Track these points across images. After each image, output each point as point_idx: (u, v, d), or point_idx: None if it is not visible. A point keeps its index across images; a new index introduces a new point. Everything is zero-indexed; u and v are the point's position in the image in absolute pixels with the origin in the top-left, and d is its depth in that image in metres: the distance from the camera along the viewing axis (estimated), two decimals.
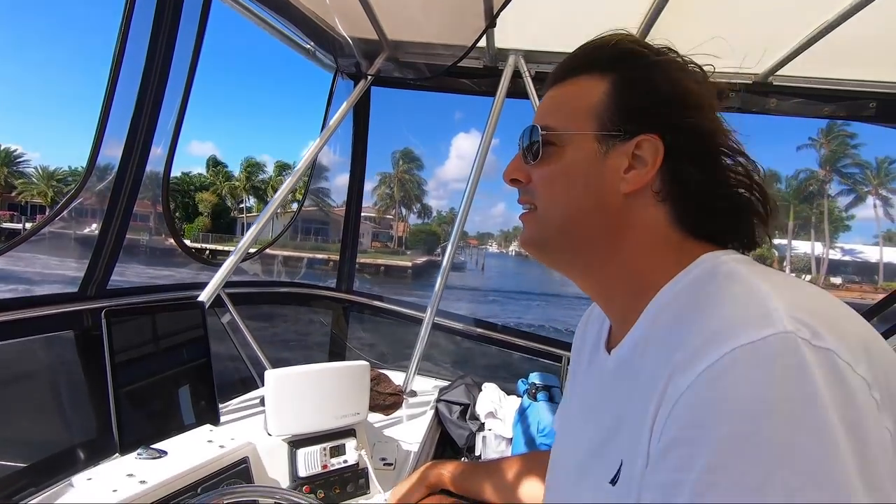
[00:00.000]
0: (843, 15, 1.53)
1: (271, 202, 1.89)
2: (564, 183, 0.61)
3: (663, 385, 0.45)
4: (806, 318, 0.42)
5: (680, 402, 0.43)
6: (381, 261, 47.53)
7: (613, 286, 0.62)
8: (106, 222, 1.42)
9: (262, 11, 1.71)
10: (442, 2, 1.87)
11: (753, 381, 0.39)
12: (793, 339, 0.40)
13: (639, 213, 0.59)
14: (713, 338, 0.43)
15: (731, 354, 0.41)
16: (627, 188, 0.58)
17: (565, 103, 0.63)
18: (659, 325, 0.53)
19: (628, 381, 0.56)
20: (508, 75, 2.04)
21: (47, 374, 1.43)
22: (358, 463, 1.36)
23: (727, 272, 0.51)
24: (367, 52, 2.10)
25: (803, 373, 0.39)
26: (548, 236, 0.64)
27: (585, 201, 0.60)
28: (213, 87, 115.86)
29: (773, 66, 1.88)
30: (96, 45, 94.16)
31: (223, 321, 1.85)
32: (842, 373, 0.40)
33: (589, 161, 0.60)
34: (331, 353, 2.53)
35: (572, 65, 0.63)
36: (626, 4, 1.69)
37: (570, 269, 0.66)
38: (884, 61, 1.82)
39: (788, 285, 0.49)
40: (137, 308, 1.31)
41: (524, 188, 0.66)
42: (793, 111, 1.93)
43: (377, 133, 2.47)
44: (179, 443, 1.23)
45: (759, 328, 0.41)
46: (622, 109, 0.58)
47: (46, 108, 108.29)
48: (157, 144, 1.44)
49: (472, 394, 2.03)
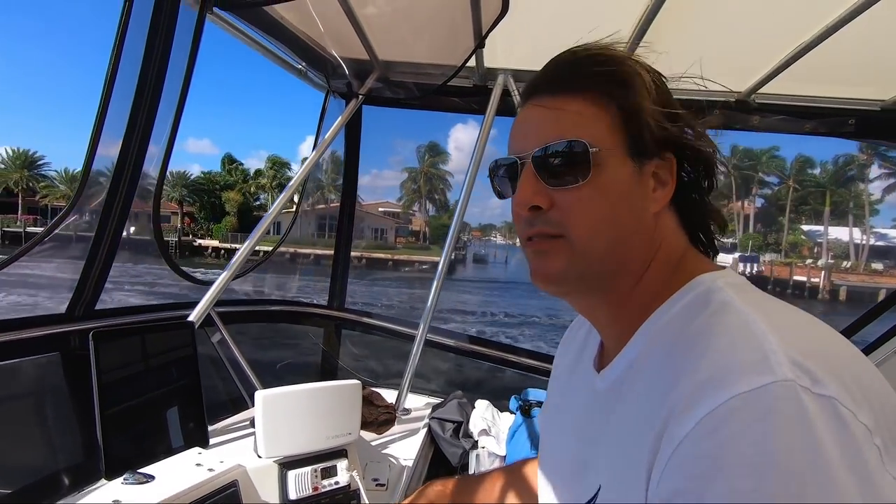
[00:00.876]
0: (819, 36, 1.58)
1: (263, 220, 1.89)
2: (609, 206, 0.55)
3: (660, 426, 0.44)
4: (805, 363, 0.40)
5: (680, 449, 0.41)
6: (416, 257, 46.37)
7: (626, 310, 0.58)
8: (95, 243, 1.41)
9: (253, 32, 1.73)
10: (432, 23, 1.90)
11: (754, 433, 0.38)
12: (793, 388, 0.38)
13: (662, 230, 0.58)
14: (710, 382, 0.41)
15: (729, 403, 0.39)
16: (657, 207, 0.57)
17: (588, 116, 0.56)
18: (652, 353, 0.52)
19: (617, 407, 0.55)
20: (498, 94, 2.08)
21: (33, 397, 1.41)
22: (350, 484, 1.34)
23: (721, 302, 0.49)
24: (359, 72, 2.13)
25: (806, 424, 0.37)
26: (585, 268, 0.56)
27: (630, 224, 0.56)
28: (208, 82, 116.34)
29: (754, 84, 1.93)
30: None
31: (214, 340, 1.84)
32: (845, 421, 0.38)
33: (629, 181, 0.56)
34: (322, 371, 2.51)
35: (576, 77, 0.58)
36: (612, 25, 1.71)
37: (590, 299, 0.62)
38: (860, 80, 1.88)
39: (783, 319, 0.47)
40: (125, 329, 1.29)
41: (543, 216, 0.57)
42: (775, 128, 1.98)
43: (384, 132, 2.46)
44: (167, 466, 1.20)
45: (757, 375, 0.40)
46: (643, 128, 0.56)
47: (48, 110, 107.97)
48: (148, 165, 1.43)
49: (466, 411, 2.01)
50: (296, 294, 18.36)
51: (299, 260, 42.46)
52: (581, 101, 0.56)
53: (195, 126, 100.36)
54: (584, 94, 0.56)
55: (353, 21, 1.77)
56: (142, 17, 1.34)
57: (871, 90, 1.94)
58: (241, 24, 1.66)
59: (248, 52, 1.86)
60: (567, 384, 0.73)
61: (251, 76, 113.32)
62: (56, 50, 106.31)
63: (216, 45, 30.30)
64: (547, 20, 1.78)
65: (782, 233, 48.43)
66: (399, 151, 77.93)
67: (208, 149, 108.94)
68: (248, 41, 1.74)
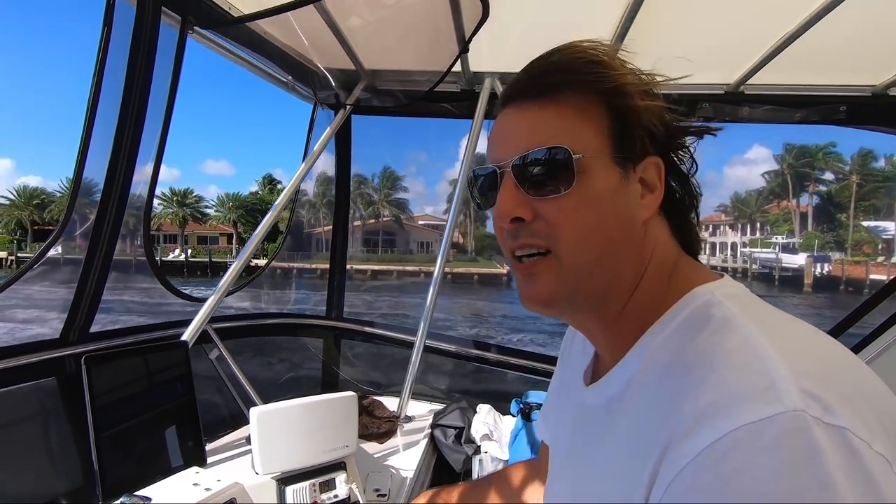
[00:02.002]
0: (806, 23, 1.57)
1: (254, 236, 1.90)
2: (595, 215, 0.52)
3: (658, 453, 0.42)
4: (815, 390, 0.37)
5: (679, 480, 0.39)
6: (474, 269, 44.07)
7: (621, 321, 0.55)
8: (86, 267, 1.41)
9: (236, 48, 1.73)
10: (416, 30, 1.90)
11: (761, 469, 0.35)
12: (802, 419, 0.35)
13: (654, 238, 0.55)
14: (713, 410, 0.39)
15: (733, 434, 0.36)
16: (646, 213, 0.54)
17: (569, 123, 0.53)
18: (650, 371, 0.49)
19: (610, 427, 0.53)
20: (485, 98, 2.07)
21: (30, 423, 1.41)
22: (349, 497, 1.34)
23: (722, 319, 0.46)
24: (345, 83, 2.13)
25: (816, 459, 0.34)
26: (576, 284, 0.53)
27: (618, 234, 0.53)
28: (225, 103, 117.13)
29: (743, 75, 1.92)
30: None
31: (211, 357, 1.84)
32: (859, 454, 0.35)
33: (616, 188, 0.52)
34: (323, 382, 2.50)
35: (558, 78, 0.54)
36: (595, 22, 1.73)
37: (583, 315, 0.58)
38: (849, 66, 1.86)
39: (789, 337, 0.45)
40: (119, 352, 1.29)
41: (527, 228, 0.53)
42: (765, 118, 1.96)
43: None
44: (164, 487, 1.21)
45: (764, 404, 0.37)
46: (631, 130, 0.53)
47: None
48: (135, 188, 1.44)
49: (467, 417, 2.00)
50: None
51: (356, 278, 41.91)
52: (562, 104, 0.53)
53: (212, 147, 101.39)
54: (565, 96, 0.53)
55: (336, 33, 1.77)
56: (123, 40, 1.34)
57: (862, 76, 1.92)
58: (223, 42, 1.66)
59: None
60: (564, 391, 0.71)
61: (261, 94, 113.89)
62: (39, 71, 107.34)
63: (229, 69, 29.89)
64: (531, 21, 1.77)
65: (841, 230, 46.14)
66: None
67: (226, 170, 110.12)
68: (232, 57, 1.75)
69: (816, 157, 49.02)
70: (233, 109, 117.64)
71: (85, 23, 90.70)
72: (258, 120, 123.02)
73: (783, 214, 49.23)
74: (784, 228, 47.42)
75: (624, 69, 0.54)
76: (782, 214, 49.23)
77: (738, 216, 50.49)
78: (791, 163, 49.05)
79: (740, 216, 50.38)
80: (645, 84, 0.54)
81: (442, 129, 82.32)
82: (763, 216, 49.74)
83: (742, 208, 51.02)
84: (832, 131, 3.47)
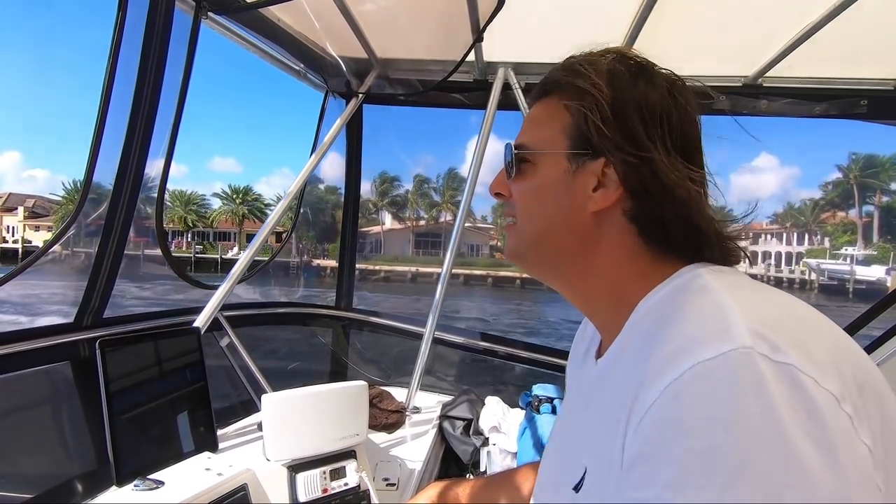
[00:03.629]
0: (827, 15, 1.54)
1: (265, 225, 1.90)
2: (537, 199, 0.64)
3: (631, 399, 0.46)
4: (766, 333, 0.42)
5: (645, 418, 0.43)
6: (516, 273, 42.55)
7: (594, 298, 0.64)
8: (101, 251, 1.41)
9: (249, 35, 1.72)
10: (429, 18, 1.88)
11: (711, 397, 0.40)
12: (750, 355, 0.40)
13: (607, 230, 0.60)
14: (676, 354, 0.44)
15: (690, 371, 0.41)
16: (595, 207, 0.59)
17: (541, 122, 0.65)
18: (634, 338, 0.55)
19: (604, 392, 0.58)
20: (498, 88, 2.05)
21: (45, 406, 1.43)
22: (359, 485, 1.34)
23: (700, 286, 0.51)
24: (358, 71, 2.11)
25: (760, 388, 0.39)
26: (525, 249, 0.67)
27: (556, 218, 0.63)
28: (235, 102, 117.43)
29: (761, 68, 1.88)
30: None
31: (222, 344, 1.84)
32: (804, 387, 0.39)
33: (558, 179, 0.62)
34: (332, 372, 2.51)
35: (547, 84, 0.65)
36: (612, 13, 1.70)
37: (552, 281, 0.68)
38: (871, 59, 1.82)
39: (758, 298, 0.49)
40: (132, 337, 1.30)
41: (508, 202, 0.69)
42: (784, 112, 1.93)
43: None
44: (177, 472, 1.21)
45: (718, 344, 0.41)
46: (591, 129, 0.58)
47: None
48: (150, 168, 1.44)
49: (476, 408, 2.01)
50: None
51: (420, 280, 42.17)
52: (546, 105, 0.64)
53: (221, 145, 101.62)
54: (546, 100, 0.65)
55: (349, 19, 1.76)
56: (136, 26, 1.33)
57: (883, 69, 1.88)
58: (236, 27, 1.66)
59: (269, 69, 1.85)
60: (577, 375, 0.76)
61: (273, 91, 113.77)
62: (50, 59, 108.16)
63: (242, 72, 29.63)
64: (546, 10, 1.75)
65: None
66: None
67: (234, 167, 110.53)
68: (244, 44, 1.74)
69: (884, 168, 47.87)
70: (242, 108, 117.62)
71: (97, 18, 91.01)
72: (267, 119, 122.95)
73: (844, 225, 48.31)
74: (844, 240, 46.37)
75: (592, 78, 0.59)
76: (842, 225, 48.31)
77: (791, 225, 49.68)
78: (857, 173, 47.93)
79: (793, 225, 49.57)
80: (615, 93, 0.58)
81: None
82: (820, 226, 48.81)
83: (797, 217, 50.33)
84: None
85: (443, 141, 78.79)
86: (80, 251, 1.46)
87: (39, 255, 1.40)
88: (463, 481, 1.04)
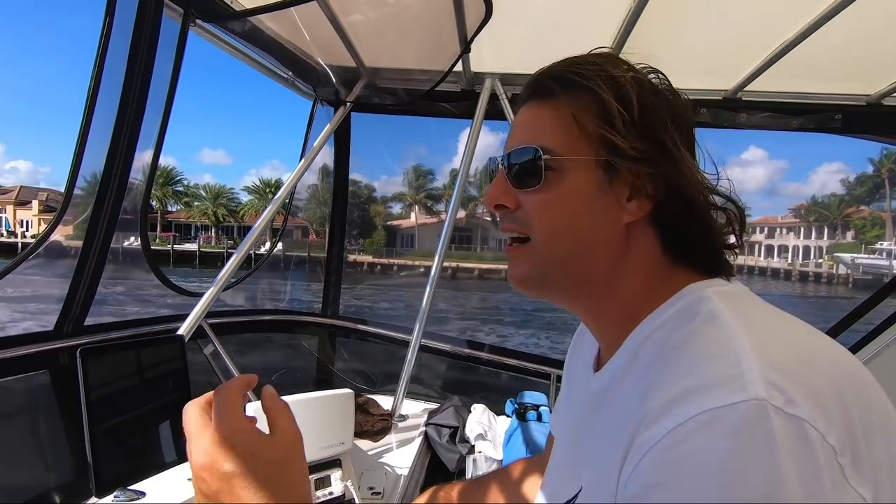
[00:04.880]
0: (803, 33, 1.59)
1: (252, 231, 1.89)
2: (566, 212, 0.56)
3: (632, 431, 0.44)
4: (780, 382, 0.40)
5: (646, 457, 0.42)
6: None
7: (607, 315, 0.59)
8: (82, 257, 1.40)
9: (237, 42, 1.72)
10: (418, 29, 1.91)
11: (717, 449, 0.38)
12: (763, 408, 0.38)
13: (634, 242, 0.56)
14: (683, 395, 0.41)
15: (697, 418, 0.39)
16: (630, 217, 0.55)
17: (560, 124, 0.56)
18: (638, 360, 0.52)
19: (603, 412, 0.56)
20: (485, 98, 2.08)
21: (22, 417, 1.40)
22: (344, 494, 1.33)
23: (708, 313, 0.49)
24: (346, 80, 2.13)
25: (769, 445, 0.37)
26: (546, 272, 0.58)
27: (591, 233, 0.56)
28: (224, 93, 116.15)
29: (741, 82, 1.94)
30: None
31: (206, 352, 1.83)
32: (811, 443, 0.38)
33: (592, 189, 0.55)
34: (318, 380, 2.50)
35: (558, 81, 0.57)
36: (597, 25, 1.74)
37: (565, 302, 0.62)
38: (845, 75, 1.89)
39: (771, 332, 0.47)
40: (114, 345, 1.28)
41: (510, 214, 0.60)
42: (762, 125, 1.99)
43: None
44: (158, 482, 1.19)
45: (730, 392, 0.39)
46: (619, 138, 0.53)
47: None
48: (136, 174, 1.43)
49: (462, 416, 2.01)
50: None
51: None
52: (559, 107, 0.56)
53: (211, 137, 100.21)
54: (562, 100, 0.56)
55: (338, 29, 1.77)
56: (124, 31, 1.33)
57: (857, 85, 1.95)
58: (225, 35, 1.66)
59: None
60: (574, 384, 0.74)
61: (261, 85, 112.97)
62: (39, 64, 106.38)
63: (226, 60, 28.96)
64: (532, 23, 1.78)
65: None
66: None
67: (223, 159, 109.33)
68: (232, 51, 1.74)
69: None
70: (232, 99, 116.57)
71: (87, 13, 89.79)
72: (257, 111, 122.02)
73: (872, 219, 48.49)
74: (873, 234, 46.61)
75: (619, 80, 0.55)
76: (871, 219, 48.48)
77: (814, 219, 49.93)
78: (891, 167, 48.37)
79: (817, 219, 49.80)
80: (641, 97, 0.54)
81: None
82: (844, 220, 49.11)
83: (821, 211, 50.46)
84: None
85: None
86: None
87: (24, 258, 1.38)
88: (453, 484, 1.02)
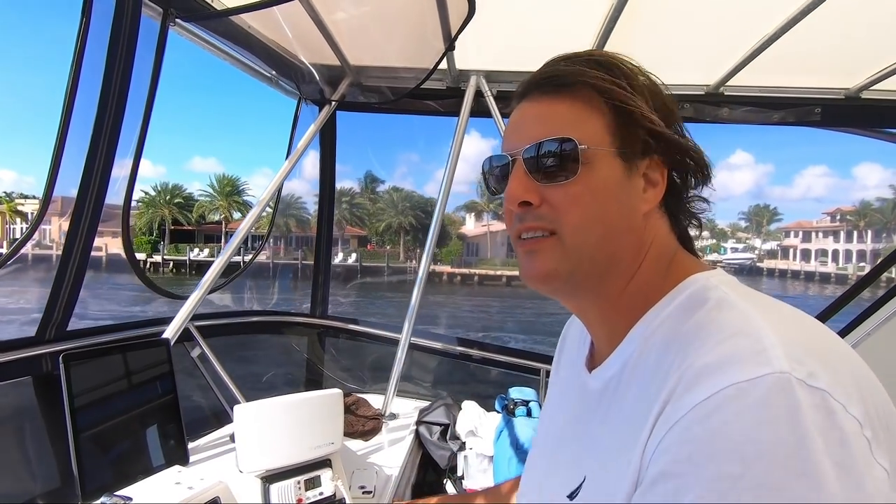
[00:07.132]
0: (783, 27, 1.61)
1: (237, 233, 1.87)
2: (599, 204, 0.56)
3: (656, 412, 0.45)
4: (802, 356, 0.41)
5: (671, 433, 0.42)
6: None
7: (618, 306, 0.59)
8: (63, 262, 1.38)
9: (219, 42, 1.70)
10: (402, 26, 1.90)
11: (746, 421, 0.39)
12: (787, 380, 0.39)
13: (650, 231, 0.59)
14: (707, 371, 0.43)
15: (724, 392, 0.40)
16: (647, 207, 0.58)
17: (581, 116, 0.57)
18: (649, 350, 0.53)
19: (613, 405, 0.56)
20: (471, 96, 2.08)
21: (6, 423, 1.37)
22: (335, 494, 1.33)
23: (718, 299, 0.51)
24: (330, 79, 2.11)
25: (796, 416, 0.38)
26: (576, 264, 0.57)
27: (619, 222, 0.57)
28: (215, 102, 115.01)
29: (723, 76, 1.96)
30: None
31: (193, 355, 1.81)
32: (835, 414, 0.39)
33: (619, 180, 0.56)
34: (307, 380, 2.49)
35: (569, 77, 0.57)
36: (580, 22, 1.75)
37: (580, 295, 0.61)
38: (824, 69, 1.91)
39: (780, 315, 0.49)
40: (98, 350, 1.27)
41: (534, 212, 0.58)
42: (744, 119, 2.01)
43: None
44: (146, 487, 1.18)
45: (754, 366, 0.41)
46: (633, 127, 0.56)
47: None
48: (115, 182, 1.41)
49: (452, 413, 2.01)
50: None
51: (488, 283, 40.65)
52: (574, 100, 0.57)
53: (202, 145, 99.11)
54: (577, 92, 0.57)
55: (321, 28, 1.76)
56: (102, 31, 1.31)
57: (836, 79, 1.98)
58: (206, 34, 1.64)
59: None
60: (564, 381, 0.73)
61: (250, 91, 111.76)
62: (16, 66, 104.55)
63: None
64: (516, 20, 1.79)
65: None
66: None
67: (214, 167, 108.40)
68: (214, 50, 1.72)
69: None
70: (222, 107, 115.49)
71: (62, 15, 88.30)
72: (247, 118, 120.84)
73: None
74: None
75: (634, 71, 0.58)
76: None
77: (866, 223, 51.68)
78: None
79: (868, 224, 51.55)
80: (652, 88, 0.59)
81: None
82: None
83: (874, 215, 52.37)
84: None
85: None
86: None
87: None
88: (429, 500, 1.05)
